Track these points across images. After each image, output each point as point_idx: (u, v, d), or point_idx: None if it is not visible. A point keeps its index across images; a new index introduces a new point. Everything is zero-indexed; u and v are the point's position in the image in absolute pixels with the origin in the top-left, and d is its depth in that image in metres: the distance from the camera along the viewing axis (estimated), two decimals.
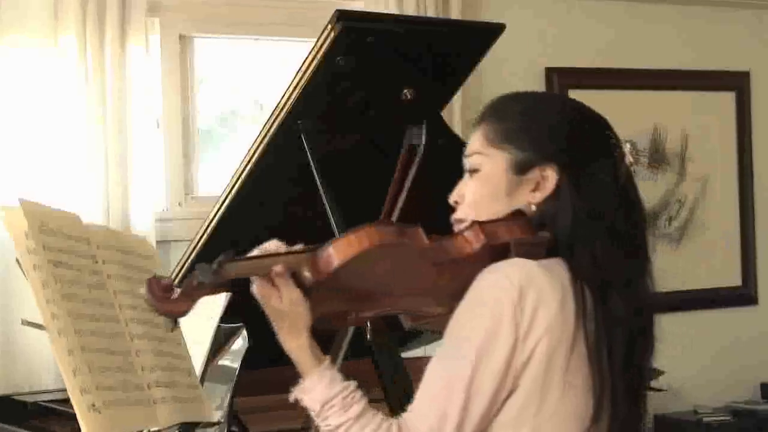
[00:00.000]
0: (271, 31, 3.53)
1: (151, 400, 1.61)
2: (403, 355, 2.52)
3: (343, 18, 2.33)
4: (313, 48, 2.41)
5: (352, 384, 1.55)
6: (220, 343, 2.20)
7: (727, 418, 3.97)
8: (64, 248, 1.57)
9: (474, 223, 1.56)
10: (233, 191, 2.57)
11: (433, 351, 2.71)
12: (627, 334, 1.54)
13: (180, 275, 2.65)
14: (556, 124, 1.60)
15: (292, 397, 1.56)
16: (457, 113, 3.55)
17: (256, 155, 2.52)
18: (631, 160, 1.62)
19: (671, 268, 4.12)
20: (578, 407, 1.50)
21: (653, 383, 3.82)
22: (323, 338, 1.62)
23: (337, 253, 1.47)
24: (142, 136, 3.19)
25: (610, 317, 1.52)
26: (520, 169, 1.58)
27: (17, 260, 1.57)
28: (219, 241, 2.61)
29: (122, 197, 3.14)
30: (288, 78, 2.49)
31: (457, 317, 1.50)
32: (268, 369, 2.52)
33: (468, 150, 1.64)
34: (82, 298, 1.56)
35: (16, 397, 2.83)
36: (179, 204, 3.38)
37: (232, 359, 2.19)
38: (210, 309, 2.22)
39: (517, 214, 1.57)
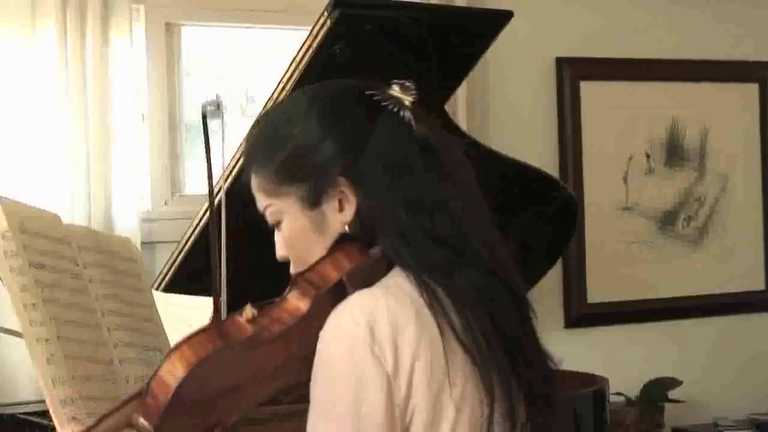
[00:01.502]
0: (263, 19, 3.53)
1: None
2: None
3: (340, 4, 2.34)
4: (308, 37, 2.41)
5: None
6: None
7: (749, 431, 3.97)
8: (45, 250, 1.57)
9: (296, 278, 1.47)
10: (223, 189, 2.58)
11: None
12: (485, 305, 1.44)
13: (165, 280, 2.66)
14: (313, 136, 1.47)
15: None
16: (461, 106, 3.55)
17: None
18: (411, 98, 1.48)
19: (690, 271, 4.14)
20: (476, 416, 1.42)
21: (670, 394, 3.85)
22: None
23: (160, 389, 1.40)
24: (126, 131, 3.18)
25: (461, 297, 1.42)
26: (313, 202, 1.48)
27: None
28: (208, 243, 2.61)
29: (105, 196, 3.14)
30: (281, 69, 2.50)
31: (316, 382, 1.40)
32: None
33: (259, 207, 1.55)
34: (62, 303, 1.56)
35: None
36: (165, 203, 3.38)
37: None
38: (198, 315, 2.23)
39: (342, 242, 1.49)
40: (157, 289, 2.59)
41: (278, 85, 2.47)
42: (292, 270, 1.53)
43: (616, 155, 4.01)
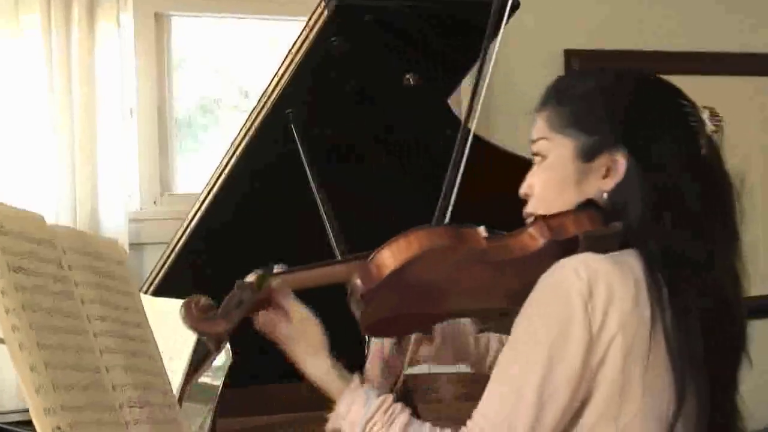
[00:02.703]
0: (257, 9, 3.53)
1: (122, 421, 1.61)
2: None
3: None
4: (304, 28, 2.40)
5: (390, 397, 1.61)
6: (200, 359, 2.20)
7: None
8: (26, 252, 1.57)
9: (538, 218, 1.62)
10: (215, 188, 2.57)
11: (436, 369, 2.73)
12: (702, 324, 1.56)
13: (155, 283, 2.65)
14: (620, 104, 1.64)
15: (329, 428, 1.63)
16: (466, 101, 3.54)
17: (241, 148, 2.52)
18: (713, 128, 1.67)
19: None
20: (660, 409, 1.53)
21: None
22: None
23: (386, 260, 1.56)
24: (113, 126, 3.18)
25: (683, 307, 1.55)
26: (588, 155, 1.63)
27: None
28: (199, 244, 2.61)
29: (91, 195, 3.13)
30: (276, 62, 2.49)
31: (523, 318, 1.54)
32: (254, 387, 2.52)
33: (533, 135, 1.70)
34: (46, 308, 1.55)
35: None
36: (154, 202, 3.38)
37: (213, 376, 2.18)
38: None
39: (588, 205, 1.63)
40: (145, 292, 2.59)
41: (273, 78, 2.46)
42: (527, 209, 1.68)
43: None
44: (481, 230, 1.61)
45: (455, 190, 1.94)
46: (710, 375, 1.57)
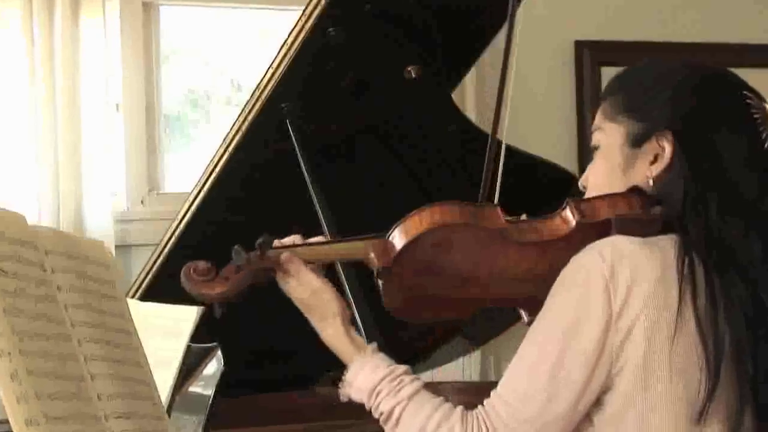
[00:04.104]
0: None
1: None
2: None
3: None
4: (300, 18, 2.41)
5: (401, 368, 1.66)
6: (190, 367, 2.20)
7: None
8: (7, 254, 1.57)
9: (569, 201, 1.67)
10: (206, 187, 2.58)
11: (441, 377, 2.73)
12: (750, 315, 1.59)
13: (142, 287, 2.65)
14: (674, 91, 1.69)
15: (342, 394, 1.68)
16: (470, 96, 3.54)
17: (233, 144, 2.53)
18: None
19: None
20: (690, 394, 1.57)
21: None
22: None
23: (399, 235, 1.61)
24: (99, 122, 3.18)
25: (721, 293, 1.59)
26: (636, 141, 1.69)
27: None
28: (190, 246, 2.61)
29: (75, 194, 3.13)
30: (270, 53, 2.49)
31: (547, 299, 1.61)
32: (247, 397, 2.53)
33: (592, 126, 1.78)
34: (27, 313, 1.55)
35: None
36: (142, 202, 3.38)
37: (204, 385, 2.19)
38: (179, 326, 2.22)
39: (632, 190, 1.68)
40: (132, 297, 2.59)
41: (267, 71, 2.47)
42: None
43: None
44: (522, 217, 1.67)
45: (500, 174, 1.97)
46: (757, 367, 1.59)
